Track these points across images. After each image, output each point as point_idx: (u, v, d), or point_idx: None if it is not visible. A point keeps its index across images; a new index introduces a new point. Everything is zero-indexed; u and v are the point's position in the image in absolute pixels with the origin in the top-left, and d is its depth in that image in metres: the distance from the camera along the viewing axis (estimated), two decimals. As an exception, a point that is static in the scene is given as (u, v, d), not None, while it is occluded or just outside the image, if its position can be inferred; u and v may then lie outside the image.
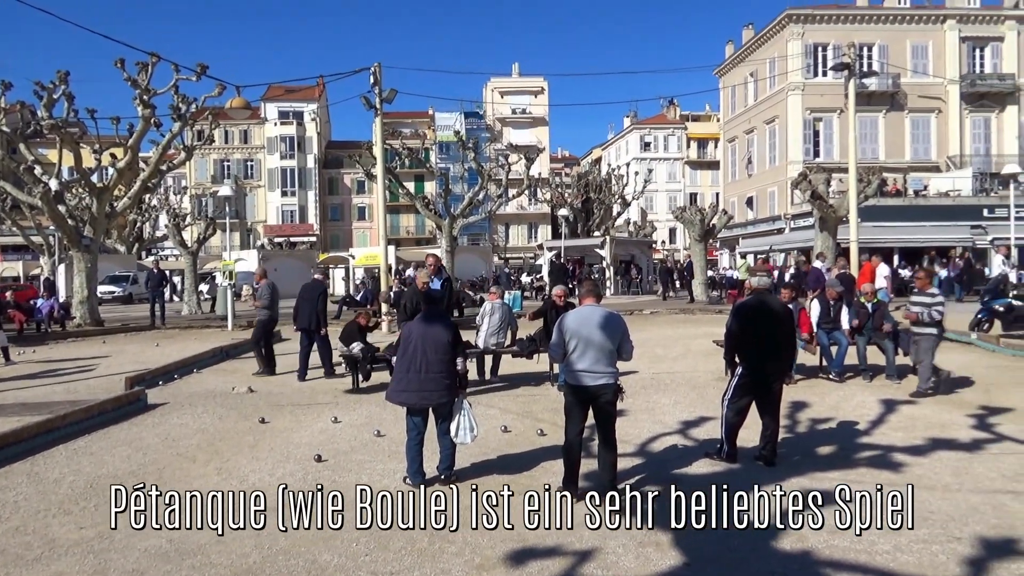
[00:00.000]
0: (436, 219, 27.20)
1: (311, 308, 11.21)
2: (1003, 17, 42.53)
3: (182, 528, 4.97)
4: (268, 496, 5.61)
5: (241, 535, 4.88)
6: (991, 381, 10.30)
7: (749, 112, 47.88)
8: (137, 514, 5.05)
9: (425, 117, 67.93)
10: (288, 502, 5.12)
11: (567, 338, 5.55)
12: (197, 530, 4.92)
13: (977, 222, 33.79)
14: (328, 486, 5.87)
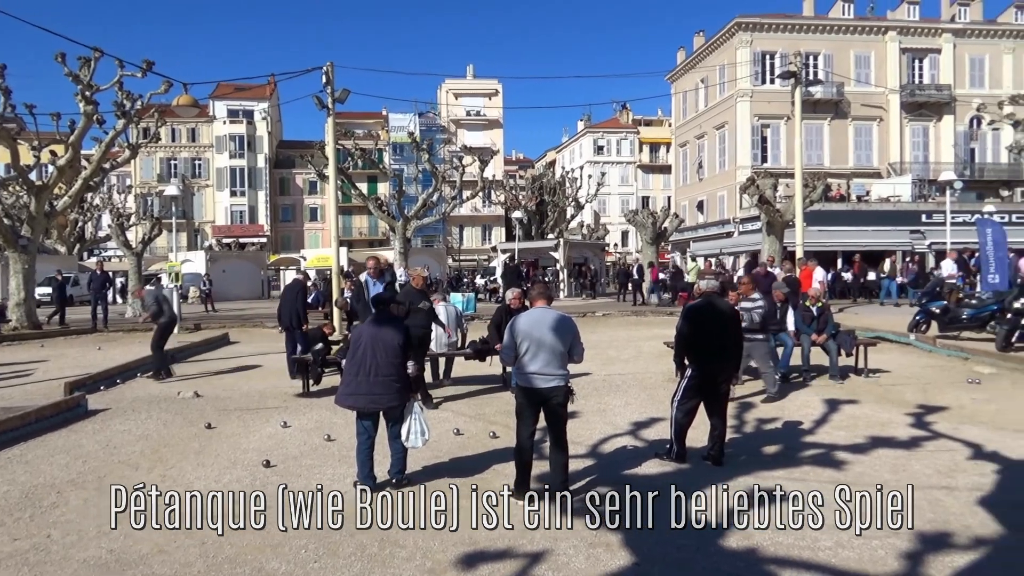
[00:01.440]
0: (389, 220, 27.00)
1: (291, 306, 11.03)
2: (940, 30, 44.22)
3: (123, 537, 4.83)
4: (212, 503, 5.49)
5: (185, 543, 4.76)
6: (928, 381, 10.67)
7: (700, 118, 48.76)
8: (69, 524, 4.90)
9: (379, 118, 67.38)
10: (234, 509, 5.03)
11: (518, 340, 5.56)
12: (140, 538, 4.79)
13: (916, 227, 34.98)
14: (276, 492, 5.77)
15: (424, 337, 9.15)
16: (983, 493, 5.62)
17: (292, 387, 10.43)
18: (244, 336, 18.49)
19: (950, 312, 13.80)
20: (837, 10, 45.19)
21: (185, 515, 5.25)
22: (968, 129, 43.80)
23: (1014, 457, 6.58)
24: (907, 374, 11.26)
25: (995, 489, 5.73)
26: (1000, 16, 46.21)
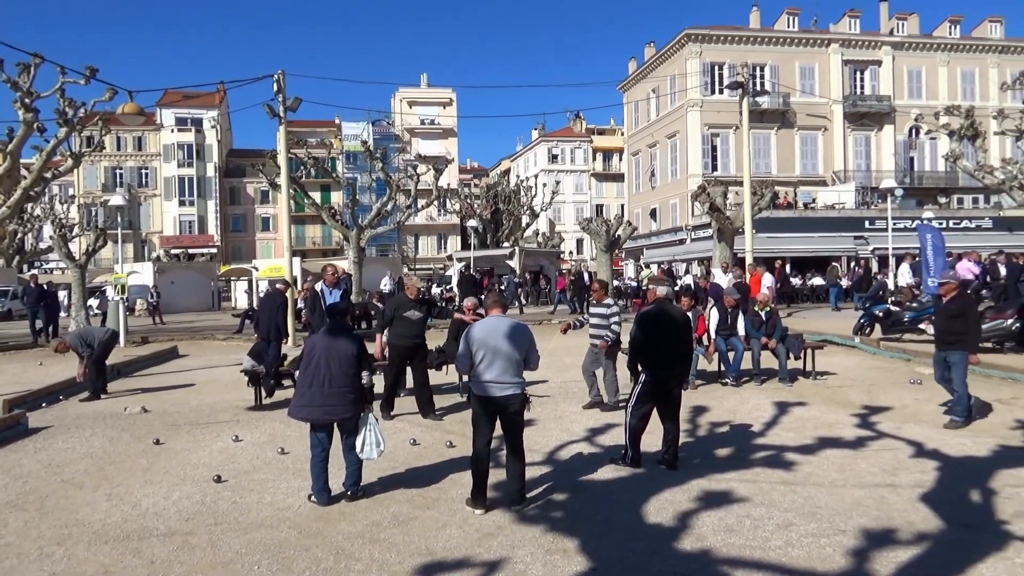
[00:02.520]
0: (343, 230, 26.74)
1: (270, 318, 10.74)
2: (880, 43, 45.81)
3: (67, 559, 4.68)
4: (162, 520, 5.37)
5: (132, 563, 4.63)
6: (872, 382, 11.00)
7: (652, 127, 49.53)
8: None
9: (331, 126, 66.74)
10: (184, 526, 4.91)
11: (474, 349, 5.57)
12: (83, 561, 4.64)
13: (859, 233, 36.10)
14: (228, 507, 5.67)
15: (416, 348, 9.04)
16: (925, 490, 5.81)
17: (244, 400, 10.22)
18: (194, 349, 18.07)
19: (892, 315, 14.25)
20: (783, 22, 46.47)
21: (132, 534, 5.12)
22: (907, 138, 45.44)
23: (953, 454, 6.83)
24: (853, 376, 11.59)
25: (936, 486, 5.93)
26: (935, 30, 48.10)
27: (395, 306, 9.13)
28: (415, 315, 8.93)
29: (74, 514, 5.59)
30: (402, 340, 8.93)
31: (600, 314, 9.16)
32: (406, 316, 8.88)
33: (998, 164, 18.06)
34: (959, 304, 8.30)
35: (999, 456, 6.75)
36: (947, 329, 8.29)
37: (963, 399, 8.02)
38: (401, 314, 8.90)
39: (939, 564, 4.42)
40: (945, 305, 8.47)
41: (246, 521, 5.37)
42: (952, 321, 8.23)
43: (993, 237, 34.54)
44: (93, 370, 10.90)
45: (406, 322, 8.87)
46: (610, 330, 9.06)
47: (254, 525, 5.27)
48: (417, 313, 8.96)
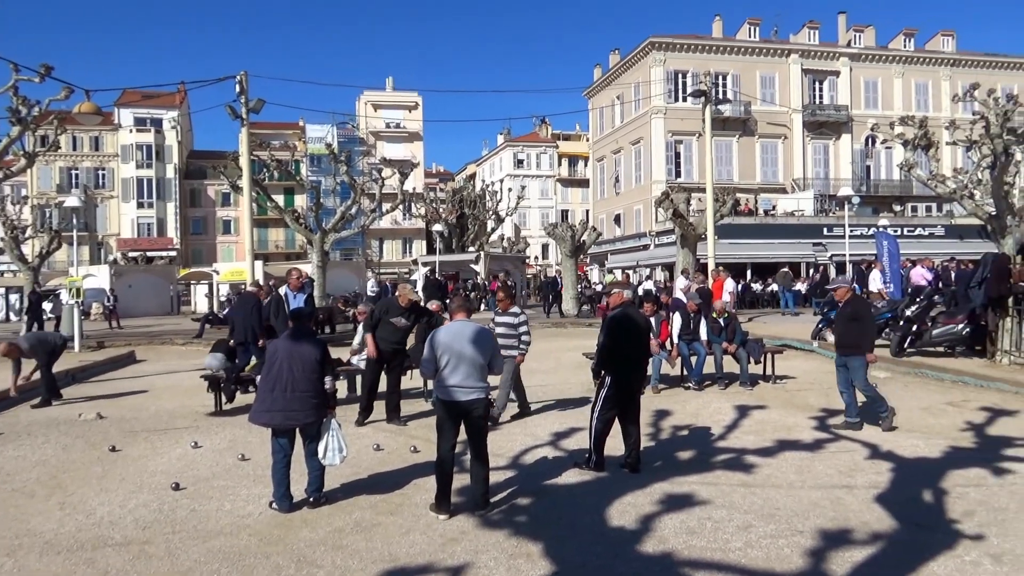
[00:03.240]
0: (307, 233, 26.45)
1: (245, 320, 10.52)
2: (838, 54, 46.91)
3: (17, 571, 4.55)
4: (117, 529, 5.26)
5: (86, 574, 4.52)
6: (830, 385, 11.16)
7: (616, 133, 49.99)
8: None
9: (295, 128, 66.07)
10: (140, 535, 4.81)
11: (439, 353, 5.57)
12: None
13: (818, 240, 36.84)
14: (187, 515, 5.57)
15: (395, 353, 8.93)
16: (879, 490, 5.96)
17: (204, 406, 10.05)
18: (152, 354, 17.70)
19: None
20: (744, 32, 47.31)
21: (86, 544, 5.00)
22: (864, 147, 46.57)
23: (906, 455, 7.01)
24: (811, 379, 11.82)
25: (890, 486, 6.09)
26: (891, 43, 49.42)
27: (384, 309, 9.05)
28: (401, 322, 8.83)
29: (25, 524, 5.44)
30: (383, 344, 8.84)
31: (507, 323, 8.65)
32: (391, 321, 8.78)
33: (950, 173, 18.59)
34: (853, 307, 8.38)
35: (950, 457, 6.94)
36: (845, 332, 8.37)
37: (876, 399, 8.15)
38: (388, 318, 8.81)
39: (893, 563, 4.53)
40: (841, 309, 8.53)
41: (205, 529, 5.27)
42: (849, 325, 8.30)
43: (945, 244, 35.55)
44: (48, 376, 10.62)
45: (390, 327, 8.80)
46: (521, 341, 8.67)
47: (213, 533, 5.19)
48: (404, 321, 8.86)
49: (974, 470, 6.45)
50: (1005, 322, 11.94)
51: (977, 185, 16.18)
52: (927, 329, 12.92)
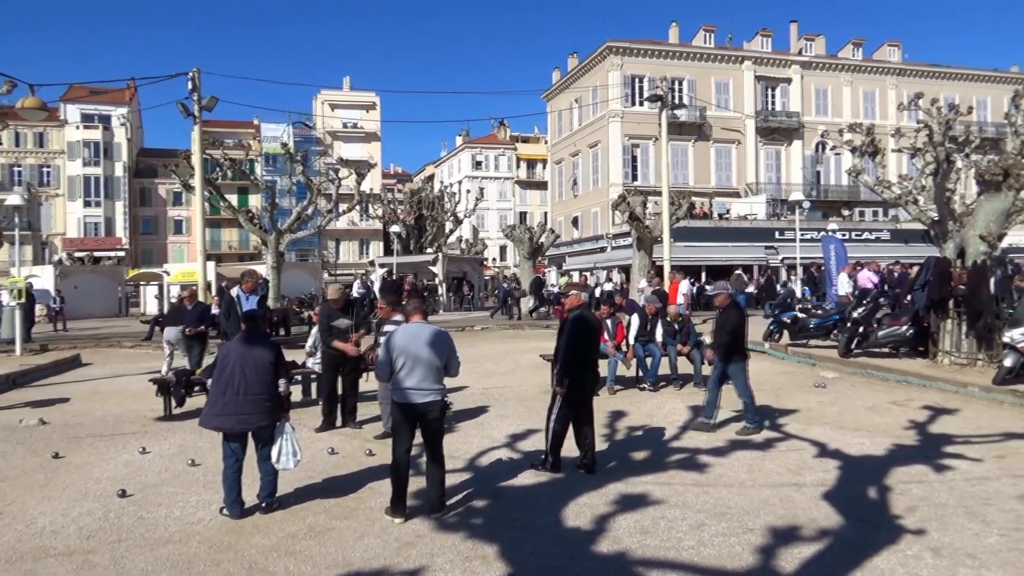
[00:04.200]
0: (261, 234, 26.02)
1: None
2: (790, 62, 48.01)
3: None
4: (60, 539, 5.10)
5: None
6: (780, 386, 11.49)
7: (574, 136, 50.33)
8: None
9: (250, 127, 64.92)
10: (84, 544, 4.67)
11: (394, 356, 5.53)
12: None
13: (770, 243, 37.64)
14: (133, 523, 5.42)
15: (347, 356, 8.69)
16: (827, 488, 6.11)
17: (152, 410, 9.80)
18: (99, 357, 17.20)
19: (799, 322, 14.93)
20: (700, 39, 48.09)
21: (26, 554, 4.83)
22: (814, 153, 47.73)
23: (853, 454, 7.21)
24: (762, 380, 12.03)
25: (837, 484, 6.25)
26: (840, 51, 50.78)
27: (326, 315, 8.91)
28: (343, 323, 8.71)
29: (-39, 534, 5.24)
30: (333, 349, 8.70)
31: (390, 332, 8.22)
32: (335, 325, 8.69)
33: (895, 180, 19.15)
34: (729, 314, 8.40)
35: (894, 454, 7.16)
36: (720, 340, 8.40)
37: (750, 408, 8.25)
38: (331, 323, 8.71)
39: (839, 559, 4.65)
40: (719, 316, 8.55)
41: (152, 537, 5.15)
42: (722, 331, 8.33)
43: (891, 248, 36.66)
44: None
45: (336, 331, 8.69)
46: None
47: (161, 541, 5.06)
48: (345, 320, 8.75)
49: (916, 467, 6.66)
50: (946, 324, 12.35)
51: (921, 191, 16.70)
52: (873, 331, 13.30)
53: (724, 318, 8.43)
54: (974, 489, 6.00)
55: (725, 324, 8.37)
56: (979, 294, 11.62)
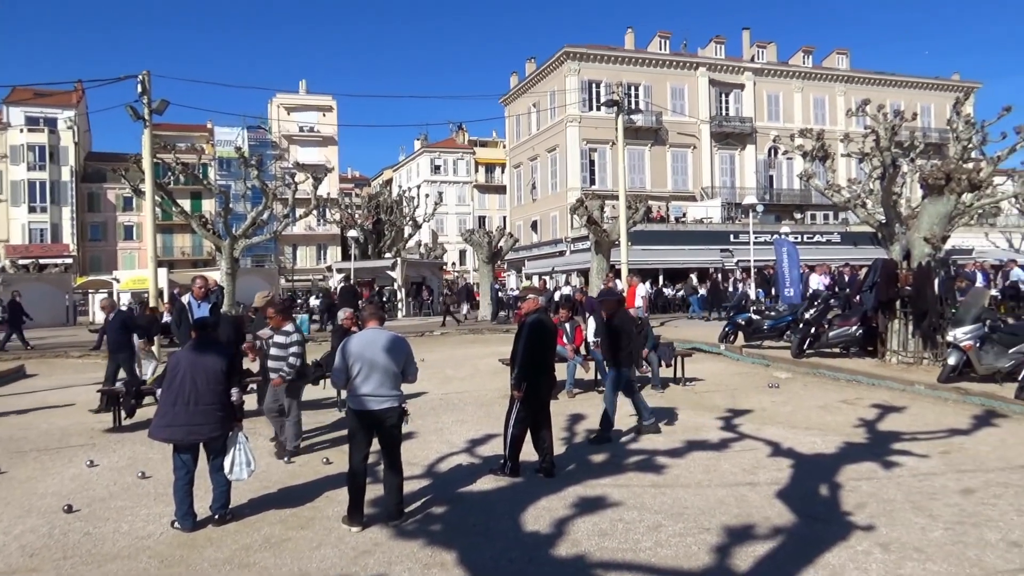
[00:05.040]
0: (215, 239, 25.52)
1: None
2: (743, 68, 48.92)
3: None
4: (1, 558, 4.92)
5: (-35, 606, 4.20)
6: (736, 387, 11.68)
7: (532, 140, 50.51)
8: None
9: (203, 131, 63.65)
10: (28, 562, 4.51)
11: (350, 362, 5.47)
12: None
13: (725, 246, 38.28)
14: (80, 539, 5.26)
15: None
16: (780, 487, 6.23)
17: (101, 422, 9.53)
18: (44, 368, 16.66)
19: (753, 324, 15.20)
20: (655, 45, 48.72)
21: (-34, 574, 4.65)
22: (767, 158, 48.70)
23: (805, 452, 7.36)
24: (718, 381, 12.25)
25: (790, 482, 6.37)
26: (791, 59, 51.96)
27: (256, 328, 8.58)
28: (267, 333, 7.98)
29: None
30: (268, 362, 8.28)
31: (279, 343, 7.59)
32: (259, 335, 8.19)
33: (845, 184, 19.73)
34: (617, 321, 8.27)
35: (844, 452, 7.33)
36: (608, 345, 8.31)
37: (608, 417, 8.10)
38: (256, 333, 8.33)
39: (792, 556, 4.74)
40: (606, 322, 8.39)
41: (100, 553, 5.00)
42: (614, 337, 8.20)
43: (841, 251, 37.60)
44: None
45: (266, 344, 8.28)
46: (287, 363, 7.46)
47: (109, 557, 4.92)
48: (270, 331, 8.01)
49: (866, 464, 6.84)
50: (893, 324, 12.71)
51: (869, 195, 17.20)
52: (824, 331, 13.61)
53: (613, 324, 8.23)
54: (920, 485, 6.18)
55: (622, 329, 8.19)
56: (924, 295, 11.97)
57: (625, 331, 8.28)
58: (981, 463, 6.82)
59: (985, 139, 23.94)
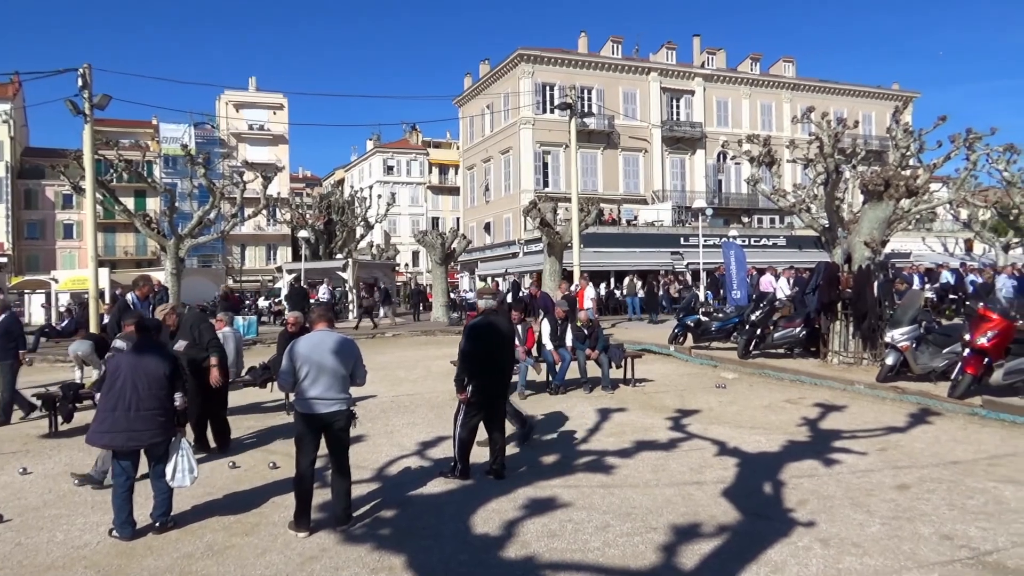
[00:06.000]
0: (159, 239, 24.84)
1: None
2: (693, 74, 49.78)
3: None
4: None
5: None
6: (684, 387, 11.87)
7: (486, 142, 50.52)
8: None
9: (148, 127, 61.94)
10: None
11: (298, 365, 5.39)
12: None
13: (675, 249, 38.87)
14: (11, 550, 5.06)
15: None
16: (726, 485, 6.35)
17: (36, 427, 9.19)
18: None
19: (702, 325, 15.47)
20: (608, 49, 49.20)
21: None
22: (716, 163, 49.64)
23: (750, 451, 7.52)
24: (668, 382, 12.44)
25: (735, 480, 6.50)
26: (739, 66, 53.08)
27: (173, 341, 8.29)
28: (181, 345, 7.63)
29: None
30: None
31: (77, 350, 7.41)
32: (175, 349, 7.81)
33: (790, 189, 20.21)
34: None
35: (788, 450, 7.52)
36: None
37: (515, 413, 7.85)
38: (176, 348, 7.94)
39: (736, 553, 4.83)
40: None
41: (33, 564, 4.82)
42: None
43: (787, 254, 38.51)
44: None
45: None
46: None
47: (42, 568, 4.75)
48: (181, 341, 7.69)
49: (808, 461, 7.02)
50: (835, 325, 13.08)
51: (813, 200, 17.67)
52: (769, 332, 13.93)
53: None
54: (859, 481, 6.38)
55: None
56: (864, 297, 12.35)
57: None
58: (916, 459, 7.07)
59: (922, 147, 24.85)
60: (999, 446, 7.52)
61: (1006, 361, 9.28)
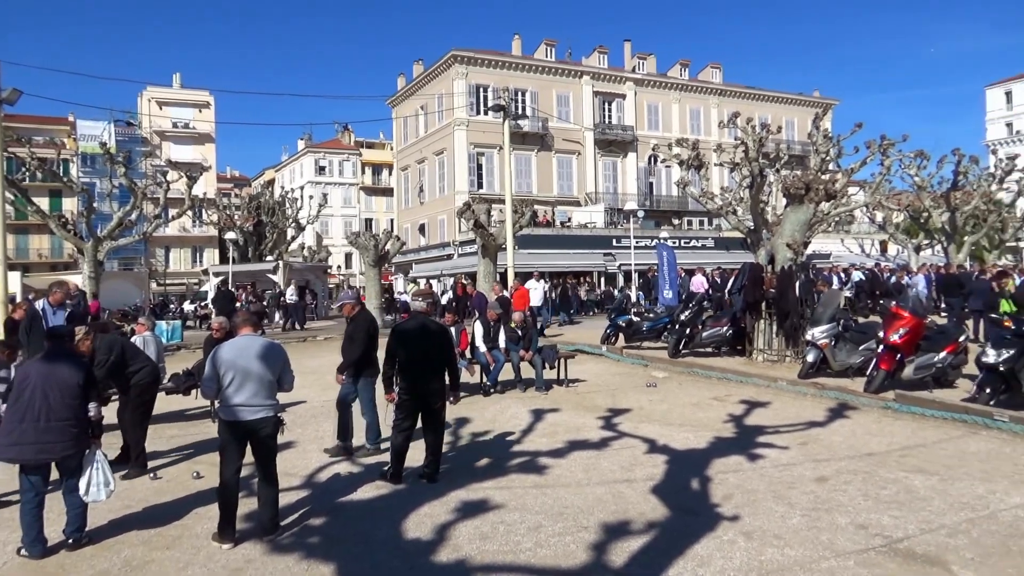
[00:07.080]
0: (76, 241, 23.78)
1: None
2: (624, 78, 50.69)
3: None
4: None
5: None
6: (616, 387, 12.05)
7: (420, 143, 50.23)
8: None
9: (64, 124, 59.13)
10: None
11: (222, 371, 5.24)
12: None
13: (608, 250, 39.47)
14: (-93, 573, 4.75)
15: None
16: (655, 482, 6.48)
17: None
18: None
19: (633, 325, 15.75)
20: (542, 52, 49.63)
21: None
22: (647, 165, 50.68)
23: (679, 448, 7.69)
24: (600, 382, 12.60)
25: (664, 477, 6.64)
26: (669, 71, 54.32)
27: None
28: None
29: None
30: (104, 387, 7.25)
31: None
32: None
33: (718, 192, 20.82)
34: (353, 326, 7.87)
35: (714, 447, 7.72)
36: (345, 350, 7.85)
37: (373, 426, 7.78)
38: None
39: (664, 549, 4.93)
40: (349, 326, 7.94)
41: (-68, 587, 4.53)
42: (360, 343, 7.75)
43: (715, 255, 39.62)
44: None
45: None
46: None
47: (-57, 590, 4.47)
48: None
49: (733, 457, 7.23)
50: (759, 324, 13.52)
51: (739, 203, 18.27)
52: (698, 332, 14.28)
53: (353, 328, 7.81)
54: (781, 475, 6.60)
55: (354, 336, 7.75)
56: (787, 297, 12.80)
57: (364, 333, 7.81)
58: (834, 452, 7.36)
59: (841, 152, 25.96)
60: (910, 438, 7.91)
61: (916, 357, 9.76)
